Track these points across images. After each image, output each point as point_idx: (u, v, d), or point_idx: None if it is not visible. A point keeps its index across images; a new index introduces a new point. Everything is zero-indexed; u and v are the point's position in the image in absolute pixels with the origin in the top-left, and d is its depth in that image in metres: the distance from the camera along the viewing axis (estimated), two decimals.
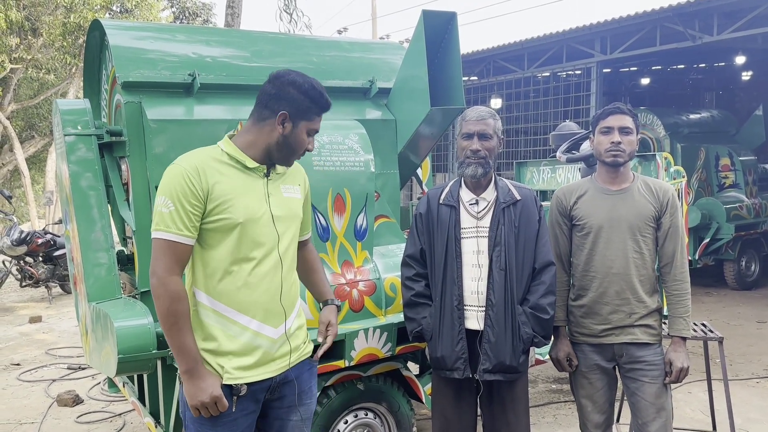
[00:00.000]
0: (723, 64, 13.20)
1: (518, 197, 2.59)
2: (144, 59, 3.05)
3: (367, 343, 2.90)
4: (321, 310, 2.41)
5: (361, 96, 3.59)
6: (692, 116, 9.25)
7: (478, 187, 2.62)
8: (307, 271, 2.39)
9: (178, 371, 2.00)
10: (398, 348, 3.01)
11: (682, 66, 13.53)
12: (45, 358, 6.02)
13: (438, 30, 3.29)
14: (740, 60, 11.77)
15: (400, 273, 3.06)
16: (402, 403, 3.18)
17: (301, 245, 2.30)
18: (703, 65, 13.53)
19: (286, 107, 2.00)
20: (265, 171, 2.05)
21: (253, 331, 1.99)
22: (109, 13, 16.62)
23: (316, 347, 2.28)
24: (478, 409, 2.70)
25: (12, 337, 6.90)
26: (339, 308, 2.40)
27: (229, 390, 1.96)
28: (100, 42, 3.44)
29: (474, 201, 2.61)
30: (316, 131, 2.10)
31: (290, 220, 2.10)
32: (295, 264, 2.17)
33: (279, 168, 2.10)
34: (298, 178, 2.21)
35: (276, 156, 2.05)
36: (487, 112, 2.60)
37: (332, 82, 3.50)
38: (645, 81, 13.92)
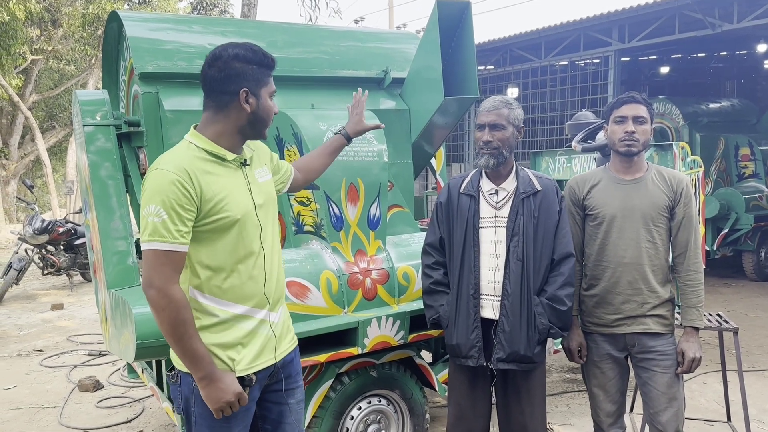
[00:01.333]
0: (744, 52, 12.99)
1: (539, 188, 2.58)
2: (161, 50, 3.10)
3: (380, 331, 2.93)
4: (345, 136, 2.60)
5: (375, 86, 3.61)
6: (712, 105, 9.13)
7: (497, 177, 2.62)
8: (315, 159, 2.50)
9: (172, 373, 2.01)
10: (411, 336, 3.04)
11: (703, 54, 13.34)
12: (66, 345, 6.14)
13: (452, 19, 3.29)
14: (762, 48, 11.58)
15: (412, 262, 3.10)
16: (415, 391, 3.22)
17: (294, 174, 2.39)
18: (724, 53, 13.32)
19: (244, 83, 1.92)
20: (243, 161, 2.00)
21: (260, 320, 2.01)
22: (128, 4, 16.75)
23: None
24: (494, 398, 2.72)
25: (34, 324, 7.05)
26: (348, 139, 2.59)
27: (241, 381, 1.95)
28: (118, 33, 3.49)
29: (493, 191, 2.61)
30: (275, 92, 2.03)
31: (270, 206, 2.09)
32: (279, 252, 2.14)
33: (247, 153, 2.05)
34: (264, 156, 2.19)
35: (250, 133, 2.00)
36: (502, 102, 2.59)
37: (346, 72, 3.52)
38: (664, 70, 13.74)
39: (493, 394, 2.71)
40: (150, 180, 1.85)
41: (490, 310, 2.57)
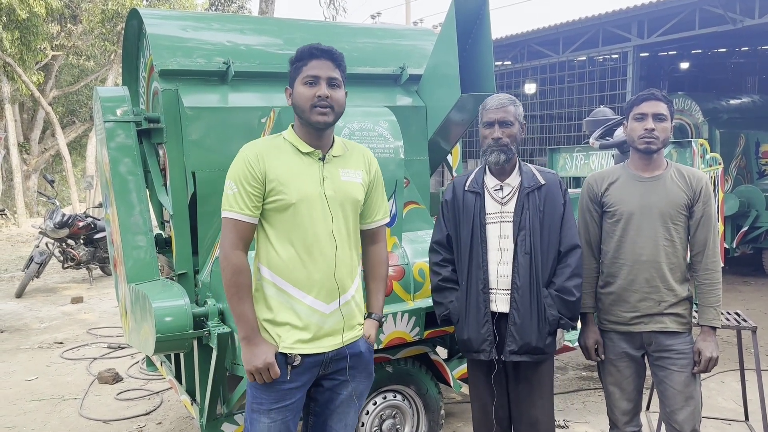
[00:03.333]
0: (766, 47, 12.80)
1: (542, 182, 2.61)
2: (180, 48, 3.12)
3: (396, 327, 2.95)
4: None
5: (391, 82, 3.62)
6: (732, 101, 9.02)
7: (502, 173, 2.65)
8: (365, 275, 2.39)
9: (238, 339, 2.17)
10: (426, 332, 3.05)
11: (724, 50, 13.16)
12: (86, 337, 6.23)
13: (469, 16, 3.29)
14: None
15: (428, 259, 3.10)
16: (430, 387, 3.23)
17: (369, 236, 2.33)
18: (746, 49, 13.14)
19: (288, 83, 2.19)
20: (321, 155, 2.14)
21: (308, 306, 2.10)
22: (146, 1, 16.87)
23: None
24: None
25: (55, 317, 7.15)
26: (380, 324, 2.37)
27: (284, 359, 2.09)
28: (138, 30, 3.53)
29: (498, 187, 2.64)
30: (314, 77, 2.09)
31: (345, 202, 2.16)
32: (353, 245, 2.21)
33: (336, 150, 2.18)
34: (361, 162, 2.26)
35: (305, 122, 2.13)
36: (508, 99, 2.62)
37: (363, 69, 3.53)
38: (684, 65, 13.58)
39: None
40: (233, 160, 2.12)
41: (500, 303, 2.59)
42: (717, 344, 2.58)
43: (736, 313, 3.73)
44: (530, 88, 11.69)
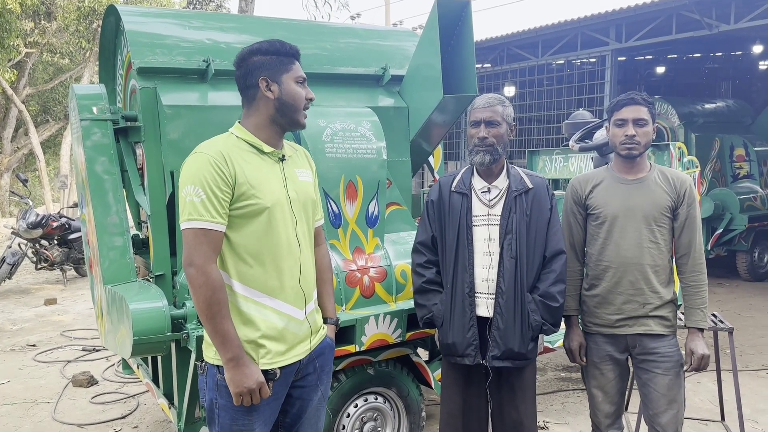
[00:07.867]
0: (740, 53, 13.05)
1: (530, 185, 2.60)
2: (159, 45, 3.07)
3: (378, 328, 2.93)
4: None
5: (373, 83, 3.60)
6: (707, 106, 9.17)
7: (489, 174, 2.63)
8: (316, 279, 2.33)
9: (196, 360, 2.03)
10: (408, 334, 3.04)
11: (699, 55, 13.38)
12: (60, 340, 6.12)
13: (451, 18, 3.28)
14: (757, 49, 11.64)
15: (410, 260, 3.09)
16: (411, 389, 3.22)
17: (315, 236, 2.27)
18: (720, 54, 13.37)
19: (263, 73, 2.01)
20: (281, 156, 2.06)
21: (285, 314, 2.02)
22: None
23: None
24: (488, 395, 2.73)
25: (28, 319, 7.01)
26: (337, 326, 2.36)
27: (265, 375, 1.97)
28: (115, 28, 3.47)
29: (486, 189, 2.62)
30: (303, 78, 2.08)
31: (306, 204, 2.12)
32: (312, 247, 2.17)
33: (287, 151, 2.11)
34: (306, 162, 2.23)
35: (284, 121, 2.05)
36: (496, 99, 2.60)
37: (345, 69, 3.51)
38: (660, 69, 13.78)
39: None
40: (188, 163, 1.94)
41: (484, 308, 2.58)
42: (706, 344, 2.59)
43: (713, 315, 3.77)
44: (509, 90, 11.75)
